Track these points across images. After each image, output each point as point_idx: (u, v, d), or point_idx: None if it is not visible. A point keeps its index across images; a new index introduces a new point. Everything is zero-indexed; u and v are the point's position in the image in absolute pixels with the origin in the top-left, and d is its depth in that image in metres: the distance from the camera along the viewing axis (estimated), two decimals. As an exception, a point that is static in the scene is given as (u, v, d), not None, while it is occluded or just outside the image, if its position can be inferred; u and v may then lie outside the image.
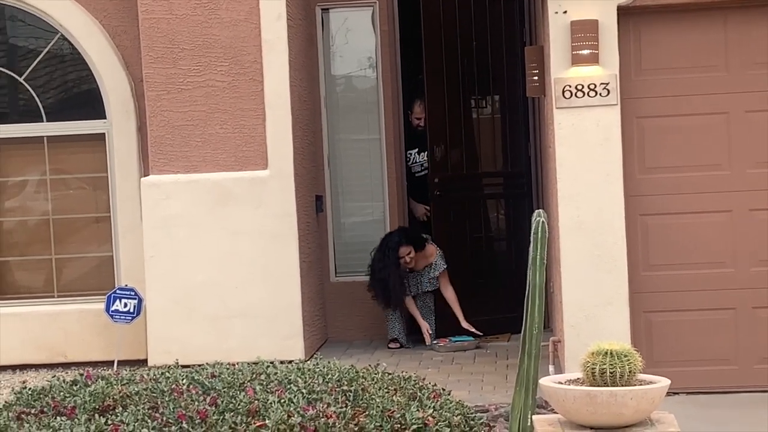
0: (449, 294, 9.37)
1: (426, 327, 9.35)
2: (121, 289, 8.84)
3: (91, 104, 9.26)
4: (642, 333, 7.22)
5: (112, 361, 8.81)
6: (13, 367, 9.14)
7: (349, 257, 9.95)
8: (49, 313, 9.20)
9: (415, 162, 9.91)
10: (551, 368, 7.23)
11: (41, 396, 5.70)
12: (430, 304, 9.47)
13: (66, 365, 9.13)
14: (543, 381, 4.79)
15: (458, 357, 8.92)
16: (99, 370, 7.71)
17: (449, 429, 5.16)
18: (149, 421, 5.00)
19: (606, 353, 5.03)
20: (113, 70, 9.14)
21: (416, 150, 9.90)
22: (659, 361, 7.15)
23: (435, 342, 9.24)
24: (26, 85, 9.30)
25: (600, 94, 7.07)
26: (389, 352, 9.23)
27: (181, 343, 8.62)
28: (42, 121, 9.28)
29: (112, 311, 8.77)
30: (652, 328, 7.25)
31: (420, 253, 9.31)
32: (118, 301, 8.77)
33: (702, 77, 7.18)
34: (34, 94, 9.29)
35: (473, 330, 9.25)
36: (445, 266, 9.32)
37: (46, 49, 9.27)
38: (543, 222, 5.64)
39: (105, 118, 9.21)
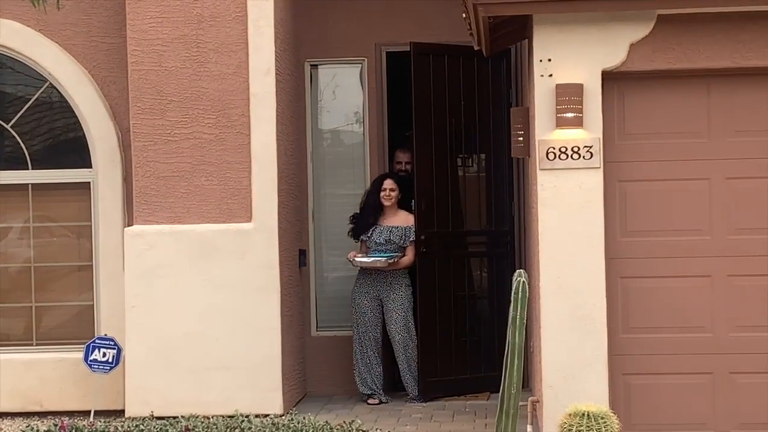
0: (410, 255, 9.37)
1: (353, 254, 9.38)
2: (100, 338, 8.82)
3: (77, 153, 9.28)
4: (620, 395, 7.22)
5: (89, 411, 8.77)
6: (-12, 415, 9.10)
7: (331, 311, 9.95)
8: (26, 360, 9.16)
9: None
10: (529, 428, 7.21)
11: (15, 445, 5.67)
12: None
13: (42, 414, 9.08)
14: (519, 442, 4.79)
15: (437, 415, 8.90)
16: (74, 420, 7.69)
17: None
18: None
19: (583, 415, 5.06)
20: (101, 119, 9.18)
21: None
22: (636, 424, 7.15)
23: (354, 258, 9.32)
24: (12, 132, 9.33)
25: (583, 157, 7.12)
26: (368, 407, 9.21)
27: (160, 395, 8.59)
28: (27, 169, 9.30)
29: (90, 361, 8.74)
30: (630, 390, 7.26)
31: (403, 210, 9.46)
32: (97, 350, 8.75)
33: (684, 143, 7.24)
34: (21, 142, 9.32)
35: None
36: (414, 239, 9.37)
37: (35, 97, 9.31)
38: (524, 282, 5.67)
39: (91, 167, 9.24)
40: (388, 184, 9.47)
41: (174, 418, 5.88)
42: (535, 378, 7.84)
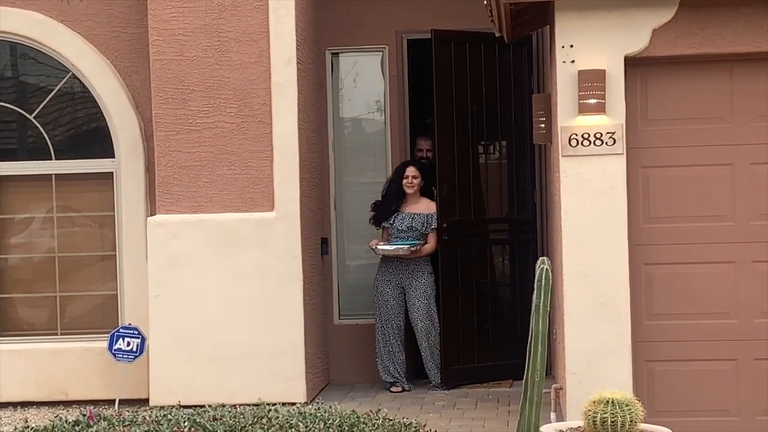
0: (432, 243, 9.39)
1: (375, 242, 9.41)
2: (124, 327, 8.86)
3: (99, 143, 9.32)
4: (644, 382, 7.21)
5: (114, 400, 8.81)
6: (14, 404, 9.14)
7: (354, 300, 9.96)
8: (51, 350, 9.21)
9: None
10: (553, 416, 7.21)
11: (43, 435, 5.69)
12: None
13: (67, 403, 9.13)
14: (544, 429, 4.80)
15: (460, 402, 8.91)
16: (100, 410, 7.71)
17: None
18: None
19: (607, 402, 5.05)
20: (123, 109, 9.21)
21: None
22: (660, 411, 7.13)
23: (377, 246, 9.33)
24: (35, 122, 9.37)
25: (606, 143, 7.10)
26: (391, 395, 9.23)
27: (184, 383, 8.62)
28: (50, 159, 9.34)
29: (115, 350, 8.78)
30: (654, 377, 7.25)
31: (425, 197, 9.48)
32: (121, 339, 8.79)
33: (707, 128, 7.21)
34: (44, 132, 9.36)
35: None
36: (436, 226, 9.39)
37: (57, 88, 9.35)
38: (547, 269, 5.67)
39: (113, 157, 9.27)
40: (411, 171, 9.47)
41: (201, 407, 5.89)
42: (559, 365, 7.84)
